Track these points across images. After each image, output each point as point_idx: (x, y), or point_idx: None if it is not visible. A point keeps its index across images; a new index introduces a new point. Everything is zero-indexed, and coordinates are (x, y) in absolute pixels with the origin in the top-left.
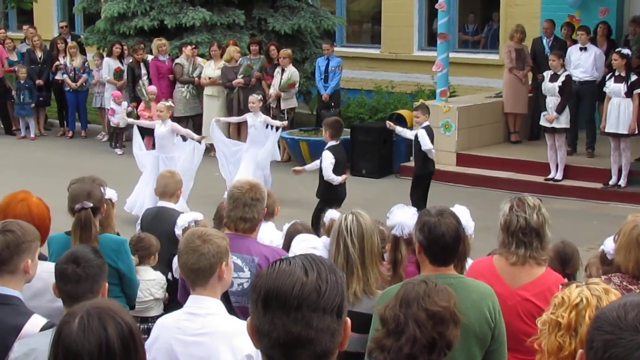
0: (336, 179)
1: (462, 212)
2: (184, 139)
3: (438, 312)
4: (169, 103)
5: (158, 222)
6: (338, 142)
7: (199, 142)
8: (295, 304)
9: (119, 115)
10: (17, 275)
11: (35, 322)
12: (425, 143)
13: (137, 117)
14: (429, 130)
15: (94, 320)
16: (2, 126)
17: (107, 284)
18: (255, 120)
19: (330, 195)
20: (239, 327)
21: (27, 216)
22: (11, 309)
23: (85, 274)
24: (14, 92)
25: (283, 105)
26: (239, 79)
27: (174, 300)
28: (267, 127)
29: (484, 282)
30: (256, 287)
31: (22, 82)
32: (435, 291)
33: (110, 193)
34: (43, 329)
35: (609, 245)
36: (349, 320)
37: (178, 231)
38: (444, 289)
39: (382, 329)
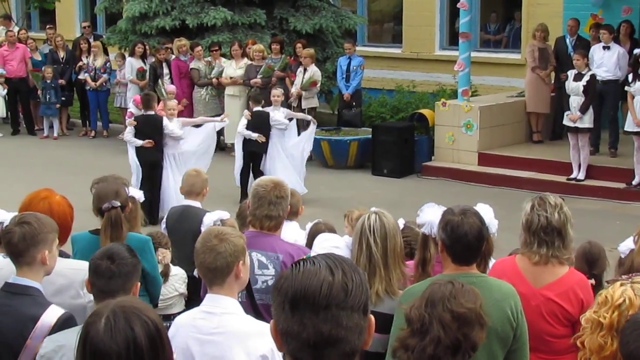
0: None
1: (486, 211)
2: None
3: (463, 314)
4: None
5: (184, 220)
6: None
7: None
8: (325, 304)
9: None
10: (34, 267)
11: (53, 312)
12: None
13: None
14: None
15: (121, 320)
16: (24, 126)
17: (139, 284)
18: (275, 114)
19: None
20: (255, 328)
21: (48, 214)
22: (30, 299)
23: (119, 271)
24: (39, 92)
25: (304, 105)
26: (257, 79)
27: (194, 298)
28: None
29: (507, 282)
30: (281, 288)
31: (48, 81)
32: (461, 292)
33: (135, 193)
34: (60, 319)
35: (623, 246)
36: (372, 317)
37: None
38: (471, 290)
39: (407, 329)
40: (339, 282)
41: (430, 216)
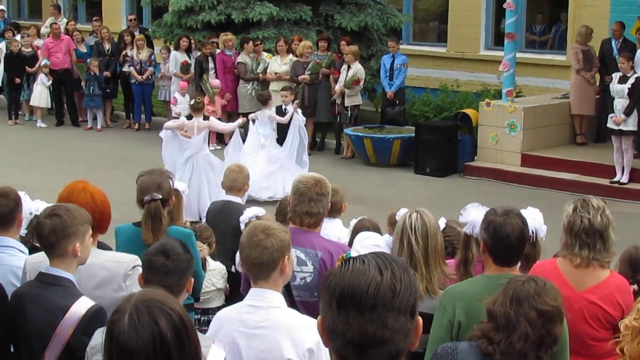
0: None
1: (535, 215)
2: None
3: (548, 311)
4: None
5: (224, 216)
6: None
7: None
8: (371, 304)
9: (180, 105)
10: (67, 259)
11: (83, 303)
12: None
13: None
14: None
15: (144, 316)
16: (69, 117)
17: (193, 280)
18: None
19: None
20: (301, 321)
21: (91, 204)
22: (61, 290)
23: (174, 267)
24: (83, 84)
25: (347, 102)
26: (305, 75)
27: (236, 293)
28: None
29: None
30: (330, 286)
31: (92, 74)
32: (545, 290)
33: (180, 186)
34: (89, 311)
35: None
36: (420, 319)
37: (243, 227)
38: (552, 287)
39: (489, 323)
40: (387, 283)
41: (472, 216)
